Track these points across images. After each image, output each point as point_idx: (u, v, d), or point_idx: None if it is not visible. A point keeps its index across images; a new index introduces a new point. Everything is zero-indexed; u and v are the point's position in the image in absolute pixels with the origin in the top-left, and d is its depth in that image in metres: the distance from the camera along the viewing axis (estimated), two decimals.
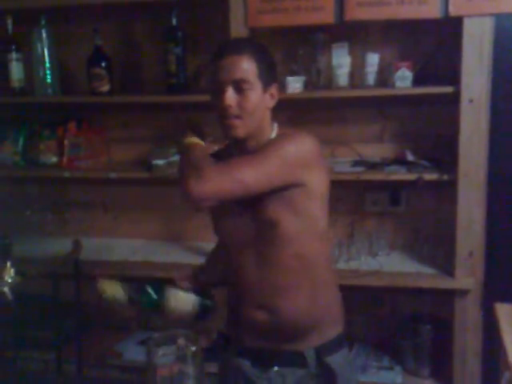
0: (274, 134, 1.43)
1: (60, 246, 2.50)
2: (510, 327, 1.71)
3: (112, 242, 2.70)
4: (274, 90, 1.41)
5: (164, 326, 1.51)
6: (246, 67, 1.34)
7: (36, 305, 2.42)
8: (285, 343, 1.43)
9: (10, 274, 1.27)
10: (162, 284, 1.43)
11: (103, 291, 1.33)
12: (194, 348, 0.92)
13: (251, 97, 1.34)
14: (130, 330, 2.71)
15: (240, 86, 1.33)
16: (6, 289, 1.26)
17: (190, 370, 0.91)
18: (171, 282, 1.48)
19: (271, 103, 1.41)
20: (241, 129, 1.35)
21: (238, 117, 1.34)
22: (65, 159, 2.60)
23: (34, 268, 2.14)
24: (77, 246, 2.41)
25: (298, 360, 1.42)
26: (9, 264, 1.28)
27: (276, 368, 1.44)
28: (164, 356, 0.92)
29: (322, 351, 1.43)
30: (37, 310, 2.44)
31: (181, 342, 0.96)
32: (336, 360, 1.44)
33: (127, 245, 2.67)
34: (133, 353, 2.51)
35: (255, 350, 1.46)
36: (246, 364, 1.47)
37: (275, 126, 1.45)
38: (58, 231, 2.70)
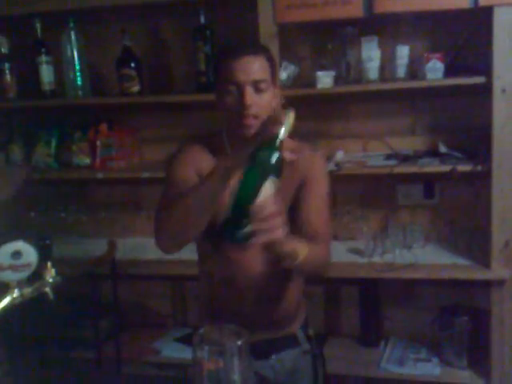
0: None
1: (96, 246, 2.58)
2: None
3: (146, 242, 2.77)
4: (277, 89, 1.47)
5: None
6: (264, 66, 1.40)
7: (75, 305, 2.52)
8: (280, 330, 1.58)
9: (51, 274, 1.29)
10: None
11: None
12: (239, 342, 0.94)
13: (267, 96, 1.40)
14: (167, 328, 2.80)
15: (258, 86, 1.38)
16: (47, 289, 1.28)
17: (236, 364, 0.93)
18: None
19: (275, 102, 1.46)
20: (254, 128, 1.36)
21: (255, 116, 1.37)
22: (97, 160, 2.69)
23: (71, 268, 2.23)
24: (112, 246, 2.50)
25: (291, 341, 1.61)
26: (49, 264, 1.29)
27: (273, 356, 1.58)
28: (210, 351, 0.93)
29: (305, 327, 1.64)
30: (76, 310, 2.54)
31: (226, 335, 0.98)
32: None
33: None
34: (170, 350, 2.59)
35: (253, 344, 1.49)
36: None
37: None
38: (93, 232, 2.79)
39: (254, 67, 1.38)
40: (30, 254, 1.21)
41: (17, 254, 1.19)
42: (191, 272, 2.51)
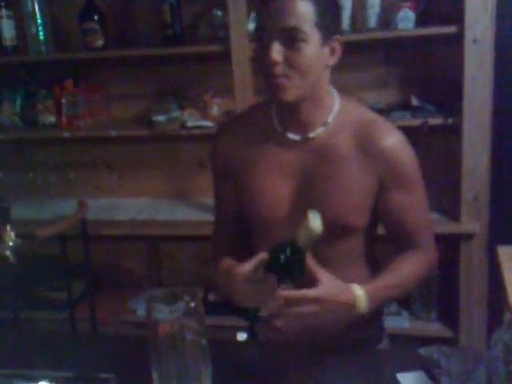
0: (336, 104, 1.28)
1: (66, 207, 2.67)
2: (511, 269, 1.88)
3: (118, 202, 2.89)
4: (336, 43, 1.23)
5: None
6: (302, 12, 1.15)
7: (46, 266, 2.63)
8: None
9: (10, 237, 1.33)
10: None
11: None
12: (194, 304, 0.96)
13: (305, 51, 1.16)
14: (142, 288, 2.94)
15: (291, 37, 1.15)
16: (8, 252, 1.32)
17: (192, 325, 0.95)
18: None
19: (332, 60, 1.23)
20: (291, 91, 1.18)
21: (286, 76, 1.17)
22: (63, 119, 2.76)
23: (40, 230, 2.32)
24: (82, 206, 2.59)
25: None
26: (9, 227, 1.33)
27: None
28: (165, 312, 0.97)
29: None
30: (47, 272, 2.65)
31: (181, 297, 1.00)
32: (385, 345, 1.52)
33: (133, 204, 2.85)
34: (160, 305, 2.71)
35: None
36: None
37: (334, 92, 1.31)
38: (62, 193, 2.89)
39: (286, 12, 1.14)
40: None
41: None
42: (165, 232, 2.66)
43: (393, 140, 1.27)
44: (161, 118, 2.56)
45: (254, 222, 1.37)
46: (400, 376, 1.18)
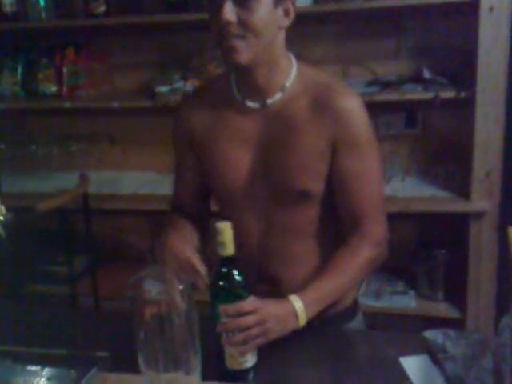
0: (293, 69, 1.27)
1: (68, 180, 2.63)
2: None
3: (120, 175, 2.84)
4: (289, 4, 1.21)
5: None
6: None
7: (47, 241, 2.60)
8: None
9: (1, 212, 1.26)
10: None
11: None
12: (182, 286, 0.93)
13: (258, 10, 1.15)
14: (145, 263, 2.90)
15: None
16: None
17: (180, 307, 0.92)
18: None
19: (285, 22, 1.22)
20: (245, 53, 1.17)
21: (240, 36, 1.15)
22: (64, 88, 2.71)
23: (40, 203, 2.29)
24: (84, 179, 2.55)
25: None
26: None
27: None
28: (152, 293, 0.95)
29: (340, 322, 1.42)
30: (48, 246, 2.62)
31: (169, 278, 0.99)
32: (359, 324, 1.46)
33: (136, 177, 2.81)
34: (149, 285, 2.70)
35: None
36: None
37: (291, 56, 1.29)
38: (64, 166, 2.84)
39: None
40: None
41: None
42: (164, 207, 2.60)
43: (348, 102, 1.25)
44: (163, 88, 2.50)
45: (217, 190, 1.39)
46: (403, 360, 1.14)
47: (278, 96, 1.26)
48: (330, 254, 1.29)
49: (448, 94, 2.21)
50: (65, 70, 2.70)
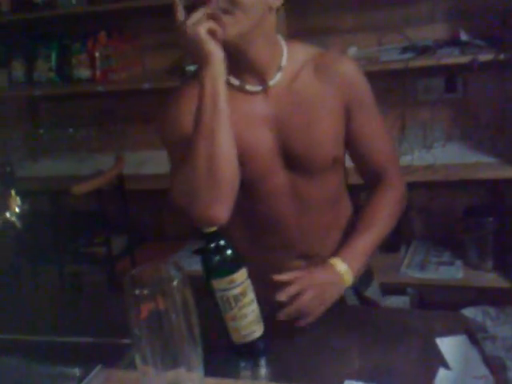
0: (284, 48, 1.26)
1: (105, 161, 2.65)
2: None
3: (155, 155, 2.84)
4: None
5: None
6: None
7: (85, 222, 2.64)
8: None
9: (16, 203, 1.25)
10: None
11: None
12: (178, 279, 0.84)
13: None
14: (184, 241, 2.91)
15: None
16: (14, 218, 1.25)
17: (177, 302, 0.84)
18: None
19: (276, 2, 1.19)
20: (232, 28, 1.12)
21: (227, 11, 1.12)
22: (97, 72, 2.73)
23: (76, 186, 2.32)
24: (119, 161, 2.57)
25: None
26: (13, 193, 1.24)
27: None
28: (147, 290, 0.83)
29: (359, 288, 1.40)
30: (86, 227, 2.66)
31: (164, 273, 0.89)
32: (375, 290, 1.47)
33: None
34: (188, 263, 2.71)
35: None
36: None
37: (280, 37, 1.28)
38: (102, 147, 2.88)
39: None
40: None
41: None
42: None
43: (348, 66, 1.29)
44: (193, 67, 2.47)
45: (245, 180, 1.24)
46: (439, 341, 1.09)
47: (278, 76, 1.25)
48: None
49: (486, 56, 2.13)
50: (97, 54, 2.73)
